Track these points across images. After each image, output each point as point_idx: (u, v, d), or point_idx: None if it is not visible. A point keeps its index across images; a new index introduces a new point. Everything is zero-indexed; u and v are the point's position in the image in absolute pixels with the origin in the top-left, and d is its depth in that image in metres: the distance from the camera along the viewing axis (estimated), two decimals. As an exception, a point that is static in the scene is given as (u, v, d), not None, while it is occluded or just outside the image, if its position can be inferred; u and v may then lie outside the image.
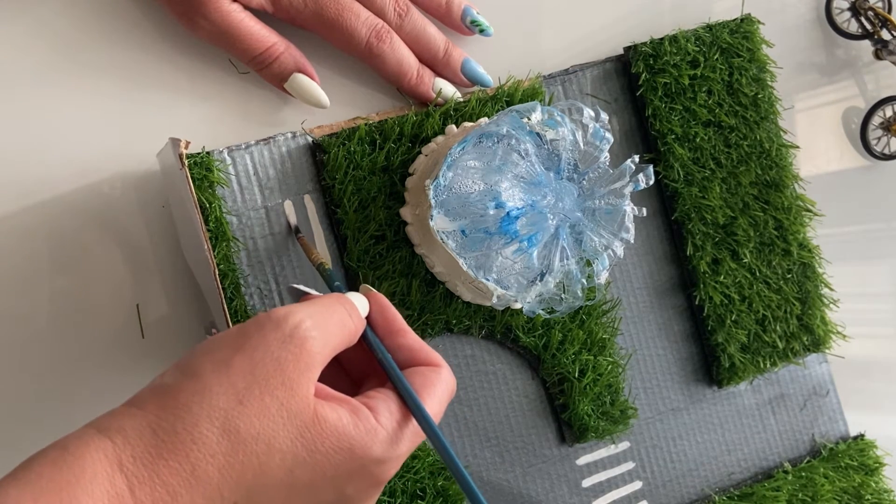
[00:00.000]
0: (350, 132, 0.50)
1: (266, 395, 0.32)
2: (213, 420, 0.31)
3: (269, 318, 0.34)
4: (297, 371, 0.33)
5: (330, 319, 0.36)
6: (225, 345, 0.33)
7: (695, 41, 0.56)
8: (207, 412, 0.31)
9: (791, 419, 0.61)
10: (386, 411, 0.35)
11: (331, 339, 0.35)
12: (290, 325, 0.33)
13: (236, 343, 0.33)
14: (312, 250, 0.46)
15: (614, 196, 0.48)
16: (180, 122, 0.51)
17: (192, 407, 0.31)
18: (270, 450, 0.31)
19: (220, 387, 0.31)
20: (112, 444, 0.30)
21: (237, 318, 0.47)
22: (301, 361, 0.33)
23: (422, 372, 0.38)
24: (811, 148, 0.65)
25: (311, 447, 0.32)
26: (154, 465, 0.30)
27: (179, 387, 0.32)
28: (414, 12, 0.52)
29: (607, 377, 0.54)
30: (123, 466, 0.30)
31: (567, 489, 0.55)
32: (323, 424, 0.33)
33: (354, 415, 0.34)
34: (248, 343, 0.33)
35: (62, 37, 0.49)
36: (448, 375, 0.38)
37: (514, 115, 0.47)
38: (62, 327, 0.49)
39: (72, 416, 0.49)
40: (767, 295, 0.58)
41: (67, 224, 0.49)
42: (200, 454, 0.30)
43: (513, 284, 0.48)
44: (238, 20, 0.48)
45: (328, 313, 0.36)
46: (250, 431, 0.31)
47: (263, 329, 0.33)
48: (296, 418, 0.32)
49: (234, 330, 0.34)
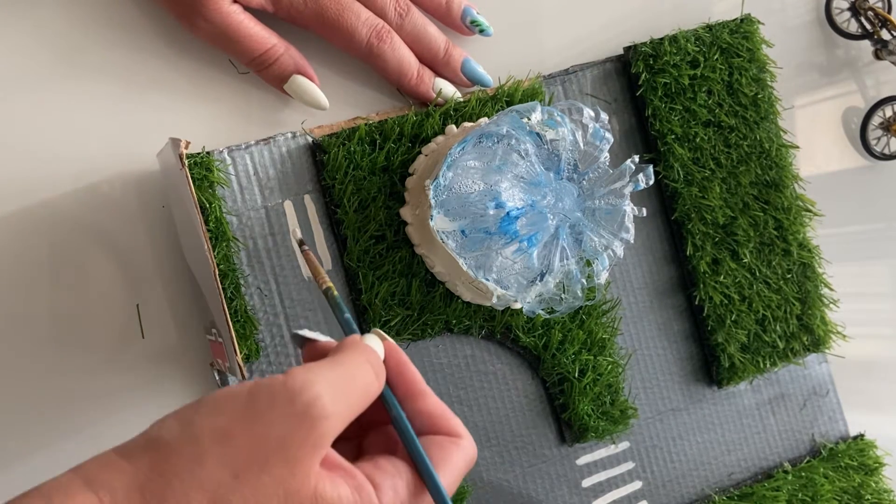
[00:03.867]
0: (350, 132, 0.50)
1: (264, 473, 0.30)
2: (204, 492, 0.29)
3: (285, 386, 0.31)
4: (303, 451, 0.30)
5: (355, 388, 0.33)
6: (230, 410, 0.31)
7: (695, 41, 0.56)
8: (199, 483, 0.29)
9: (791, 419, 0.61)
10: (390, 490, 0.33)
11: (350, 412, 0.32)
12: (303, 400, 0.31)
13: (243, 413, 0.31)
14: (320, 271, 0.40)
15: (614, 196, 0.48)
16: (180, 122, 0.51)
17: (184, 475, 0.29)
18: None
19: (217, 458, 0.30)
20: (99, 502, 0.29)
21: (237, 319, 0.47)
22: (308, 443, 0.31)
23: (440, 443, 0.35)
24: (811, 148, 0.65)
25: None
26: None
27: (175, 449, 0.30)
28: (414, 12, 0.52)
29: (607, 377, 0.54)
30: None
31: (567, 489, 0.55)
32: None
33: (356, 492, 0.32)
34: (254, 414, 0.31)
35: (62, 37, 0.49)
36: (469, 446, 0.36)
37: (514, 115, 0.47)
38: (62, 327, 0.49)
39: (72, 416, 0.49)
40: (767, 295, 0.58)
41: (67, 224, 0.49)
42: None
43: (513, 284, 0.48)
44: (238, 21, 0.48)
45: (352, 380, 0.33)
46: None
47: (275, 400, 0.31)
48: (292, 498, 0.30)
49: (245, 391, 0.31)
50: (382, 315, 0.50)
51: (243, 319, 0.47)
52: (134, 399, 0.50)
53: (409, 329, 0.51)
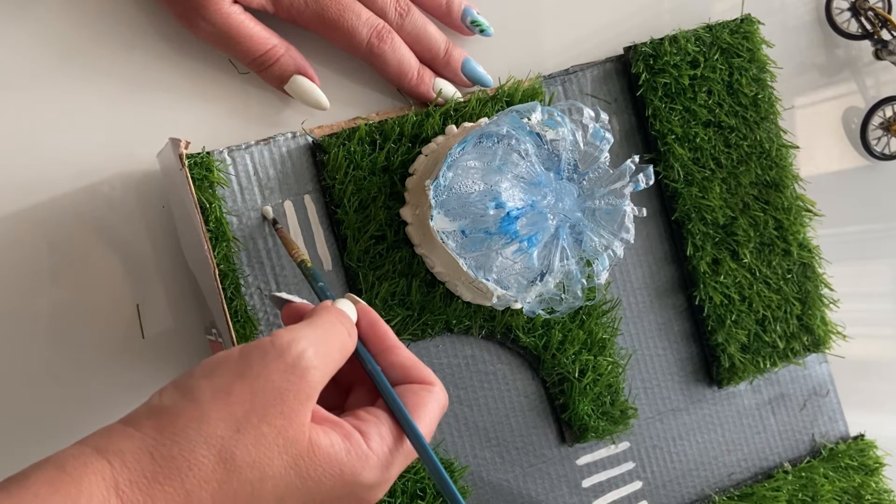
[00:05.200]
0: (350, 132, 0.50)
1: (264, 423, 0.32)
2: (210, 447, 0.31)
3: (273, 344, 0.34)
4: (298, 401, 0.33)
5: (332, 344, 0.35)
6: (226, 370, 0.33)
7: (695, 41, 0.56)
8: (205, 438, 0.31)
9: (791, 419, 0.61)
10: (377, 436, 0.35)
11: (331, 365, 0.35)
12: (293, 354, 0.33)
13: (238, 369, 0.33)
14: (293, 244, 0.44)
15: (614, 196, 0.48)
16: (180, 123, 0.51)
17: (189, 433, 0.31)
18: (263, 477, 0.32)
19: (219, 414, 0.32)
20: (110, 466, 0.30)
21: (237, 319, 0.47)
22: (302, 392, 0.33)
23: (414, 391, 0.38)
24: (811, 148, 0.65)
25: (303, 474, 0.32)
26: (150, 489, 0.30)
27: (178, 410, 0.32)
28: (415, 12, 0.52)
29: (607, 377, 0.54)
30: (120, 490, 0.30)
31: (567, 489, 0.55)
32: (316, 451, 0.33)
33: (346, 440, 0.34)
34: (249, 370, 0.33)
35: (62, 38, 0.49)
36: (441, 393, 0.38)
37: (514, 115, 0.47)
38: (62, 327, 0.49)
39: (71, 416, 0.49)
40: (767, 295, 0.58)
41: (68, 225, 0.49)
42: (195, 480, 0.31)
43: (513, 284, 0.48)
44: (238, 22, 0.48)
45: (330, 337, 0.36)
46: (246, 459, 0.31)
47: (266, 357, 0.33)
48: (291, 446, 0.32)
49: (236, 353, 0.34)
50: (382, 315, 0.50)
51: (243, 319, 0.47)
52: (134, 399, 0.49)
53: (409, 329, 0.51)
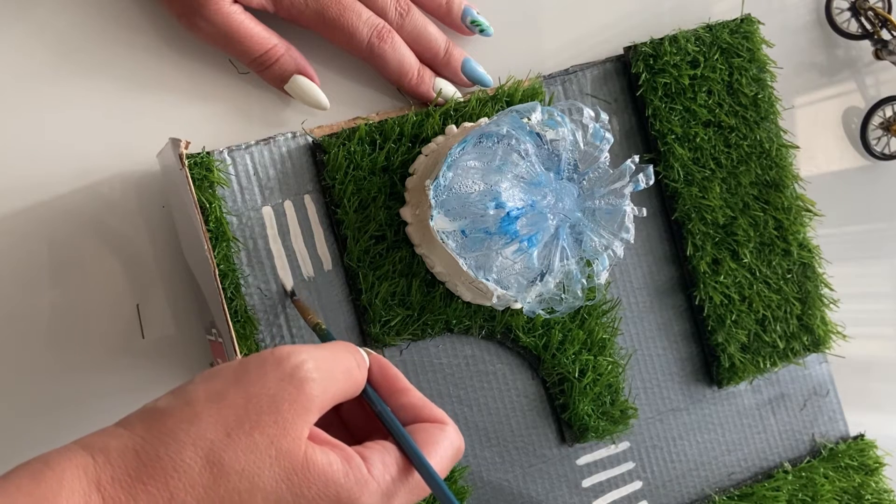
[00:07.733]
0: (350, 132, 0.50)
1: (256, 431, 0.31)
2: (198, 449, 0.30)
3: (273, 354, 0.33)
4: (293, 412, 0.32)
5: (336, 366, 0.35)
6: (223, 376, 0.32)
7: (695, 41, 0.56)
8: (193, 440, 0.30)
9: (791, 419, 0.61)
10: (379, 463, 0.34)
11: (333, 386, 0.34)
12: (291, 363, 0.33)
13: (235, 376, 0.32)
14: (308, 311, 0.46)
15: (614, 196, 0.48)
16: (180, 122, 0.51)
17: (178, 434, 0.30)
18: (253, 488, 0.31)
19: (211, 417, 0.31)
20: (93, 461, 0.30)
21: (237, 319, 0.47)
22: (298, 403, 0.32)
23: (425, 428, 0.36)
24: (811, 148, 0.65)
25: (296, 490, 0.31)
26: (132, 488, 0.29)
27: (170, 412, 0.31)
28: (415, 12, 0.52)
29: (607, 377, 0.54)
30: (101, 486, 0.29)
31: (567, 489, 0.55)
32: (311, 468, 0.32)
33: (346, 462, 0.33)
34: (246, 377, 0.32)
35: (62, 37, 0.49)
36: (454, 434, 0.37)
37: (514, 115, 0.47)
38: (62, 328, 0.49)
39: (71, 416, 0.49)
40: (767, 295, 0.58)
41: (67, 225, 0.49)
42: (180, 483, 0.30)
43: (513, 284, 0.48)
44: (238, 22, 0.48)
45: (334, 359, 0.35)
46: (234, 466, 0.30)
47: (264, 365, 0.33)
48: (284, 459, 0.31)
49: (235, 362, 0.33)
50: (382, 315, 0.50)
51: (243, 319, 0.47)
52: (133, 399, 0.49)
53: (409, 329, 0.51)
